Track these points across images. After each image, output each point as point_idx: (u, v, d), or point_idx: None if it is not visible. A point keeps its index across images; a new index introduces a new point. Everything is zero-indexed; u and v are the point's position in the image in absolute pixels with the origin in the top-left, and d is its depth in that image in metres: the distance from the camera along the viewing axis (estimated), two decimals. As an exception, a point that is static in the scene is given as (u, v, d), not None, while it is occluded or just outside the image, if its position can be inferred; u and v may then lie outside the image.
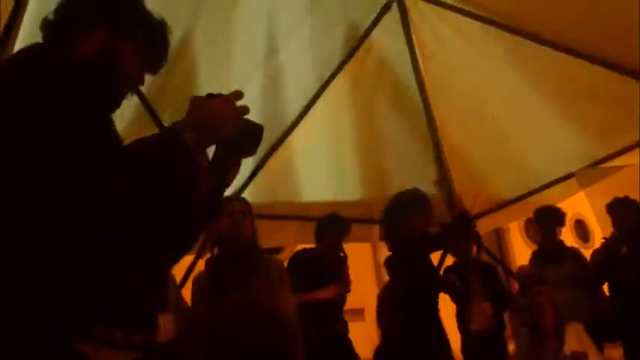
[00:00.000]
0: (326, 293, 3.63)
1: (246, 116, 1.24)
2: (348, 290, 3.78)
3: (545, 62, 3.91)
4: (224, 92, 1.24)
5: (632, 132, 3.91)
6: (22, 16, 3.09)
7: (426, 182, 4.75)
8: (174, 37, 1.36)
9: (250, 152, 1.31)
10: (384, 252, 3.83)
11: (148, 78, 1.36)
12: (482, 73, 4.16)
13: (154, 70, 1.36)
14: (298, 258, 3.81)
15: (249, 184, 4.47)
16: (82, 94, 1.11)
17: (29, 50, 1.21)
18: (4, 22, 3.12)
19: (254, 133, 1.27)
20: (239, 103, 1.22)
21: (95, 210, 1.02)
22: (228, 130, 1.20)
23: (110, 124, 1.21)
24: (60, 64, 1.15)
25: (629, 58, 3.61)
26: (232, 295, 2.77)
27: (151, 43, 1.32)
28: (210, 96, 1.24)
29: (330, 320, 3.68)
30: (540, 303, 3.71)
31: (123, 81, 1.29)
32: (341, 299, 3.81)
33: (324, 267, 3.75)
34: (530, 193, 4.61)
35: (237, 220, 2.85)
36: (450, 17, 3.98)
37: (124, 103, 1.31)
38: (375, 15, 4.18)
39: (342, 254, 3.86)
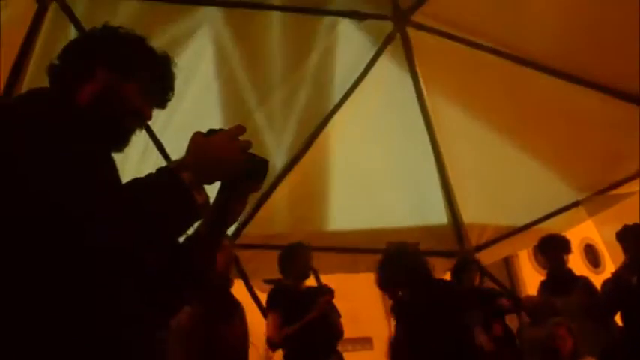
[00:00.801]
0: (310, 315, 3.55)
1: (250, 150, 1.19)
2: (331, 298, 3.66)
3: (550, 90, 3.93)
4: (226, 127, 1.21)
5: (638, 159, 3.90)
6: (29, 60, 3.16)
7: (432, 211, 4.76)
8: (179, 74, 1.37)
9: (255, 188, 1.26)
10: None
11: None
12: (487, 101, 4.19)
13: (161, 104, 1.35)
14: (275, 297, 3.73)
15: (256, 214, 4.48)
16: (84, 137, 1.11)
17: (31, 95, 1.22)
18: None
19: (258, 168, 1.22)
20: (241, 137, 1.18)
21: (90, 252, 1.01)
22: (231, 167, 1.17)
23: (111, 164, 1.20)
24: (61, 110, 1.15)
25: (632, 85, 3.62)
26: (225, 328, 2.85)
27: (156, 78, 1.32)
28: (211, 132, 1.19)
29: (323, 354, 3.63)
30: (562, 335, 3.65)
31: (128, 119, 1.28)
32: (336, 331, 3.74)
33: (301, 298, 3.70)
34: (537, 222, 4.58)
35: (229, 256, 2.93)
36: (452, 47, 4.02)
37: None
38: (379, 46, 4.22)
39: (311, 271, 3.75)
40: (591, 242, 7.90)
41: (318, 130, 4.44)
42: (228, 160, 1.16)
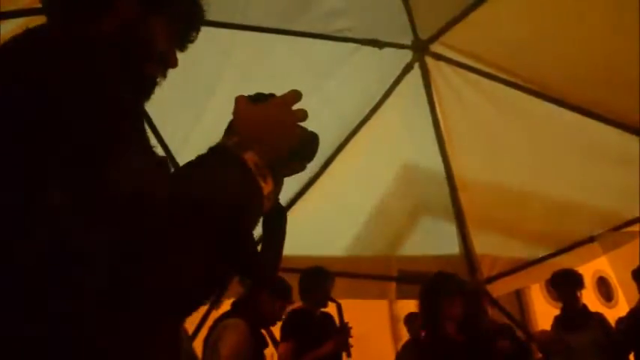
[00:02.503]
0: (325, 348, 3.52)
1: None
2: (348, 337, 3.62)
3: (568, 124, 3.91)
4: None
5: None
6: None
7: (445, 239, 4.74)
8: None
9: (301, 167, 1.07)
10: (401, 307, 3.80)
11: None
12: (504, 134, 4.18)
13: (182, 46, 1.09)
14: (291, 321, 3.65)
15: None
16: (106, 84, 0.82)
17: (31, 35, 0.87)
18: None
19: (309, 143, 1.03)
20: (296, 106, 0.97)
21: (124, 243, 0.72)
22: (288, 143, 0.94)
23: (142, 121, 0.92)
24: (78, 50, 0.84)
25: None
26: None
27: (181, 13, 1.06)
28: (260, 97, 0.99)
29: None
30: None
31: (152, 64, 1.01)
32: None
33: (317, 324, 3.67)
34: (550, 256, 4.54)
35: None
36: (471, 79, 4.02)
37: None
38: (397, 75, 4.24)
39: (335, 303, 3.76)
40: (604, 275, 7.79)
41: (332, 156, 4.45)
42: (282, 134, 0.94)
